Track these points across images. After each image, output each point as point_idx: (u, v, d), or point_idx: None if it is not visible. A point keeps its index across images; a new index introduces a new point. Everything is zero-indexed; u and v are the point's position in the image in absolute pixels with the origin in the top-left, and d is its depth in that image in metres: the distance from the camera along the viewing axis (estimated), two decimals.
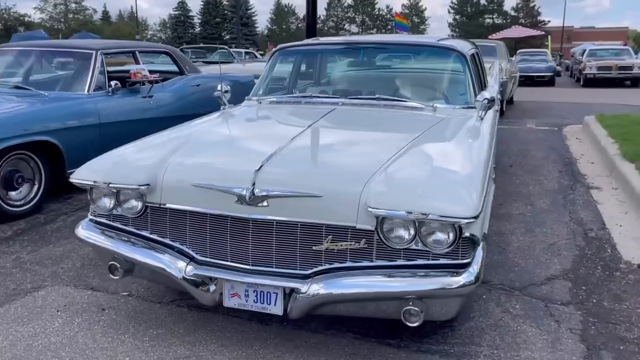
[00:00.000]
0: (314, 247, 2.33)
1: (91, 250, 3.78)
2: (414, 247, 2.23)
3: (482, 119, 3.32)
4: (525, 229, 4.37)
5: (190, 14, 72.84)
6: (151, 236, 2.61)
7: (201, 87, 6.94)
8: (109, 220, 2.71)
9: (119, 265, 2.65)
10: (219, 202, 2.41)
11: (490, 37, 25.50)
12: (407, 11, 70.25)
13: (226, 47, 17.03)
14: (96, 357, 2.57)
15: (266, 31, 78.11)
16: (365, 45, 4.15)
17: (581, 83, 21.37)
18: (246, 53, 21.97)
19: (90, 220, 2.78)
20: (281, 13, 78.70)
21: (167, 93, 6.29)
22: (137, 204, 2.59)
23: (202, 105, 6.93)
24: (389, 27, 70.28)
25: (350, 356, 2.59)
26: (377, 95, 3.59)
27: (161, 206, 2.54)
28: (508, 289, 3.32)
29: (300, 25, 79.18)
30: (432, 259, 2.24)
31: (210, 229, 2.46)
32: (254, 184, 2.32)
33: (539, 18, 66.78)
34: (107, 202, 2.65)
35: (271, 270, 2.39)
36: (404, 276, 2.24)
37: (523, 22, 61.89)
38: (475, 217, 2.11)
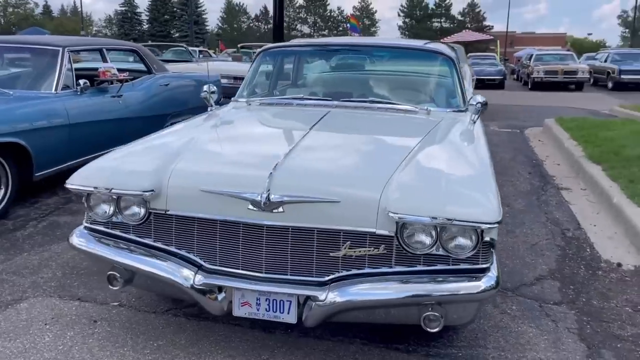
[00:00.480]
0: (331, 254, 2.28)
1: (71, 258, 3.63)
2: (434, 252, 2.22)
3: (474, 122, 3.36)
4: (506, 229, 4.46)
5: (138, 10, 70.98)
6: (154, 244, 2.48)
7: (170, 87, 6.78)
8: (107, 228, 2.56)
9: (118, 275, 2.50)
10: (230, 208, 2.32)
11: (442, 40, 26.06)
12: (358, 13, 70.96)
13: (184, 45, 16.62)
14: None
15: (216, 30, 77.08)
16: (353, 48, 4.13)
17: (529, 86, 22.18)
18: (200, 52, 21.58)
19: (86, 228, 2.62)
20: (232, 12, 77.95)
21: (136, 92, 6.08)
22: (139, 211, 2.46)
23: (171, 105, 6.78)
24: (341, 28, 70.84)
25: None
26: (370, 98, 3.57)
27: (166, 213, 2.43)
28: (502, 290, 3.36)
29: (251, 24, 78.70)
30: (452, 264, 2.23)
31: (220, 236, 2.37)
32: (269, 189, 2.24)
33: (484, 23, 68.97)
34: (107, 209, 2.51)
35: (285, 278, 2.32)
36: (425, 282, 2.23)
37: (469, 26, 63.78)
38: (499, 222, 2.12)
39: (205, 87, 3.81)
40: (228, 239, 2.36)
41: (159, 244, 2.48)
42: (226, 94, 8.99)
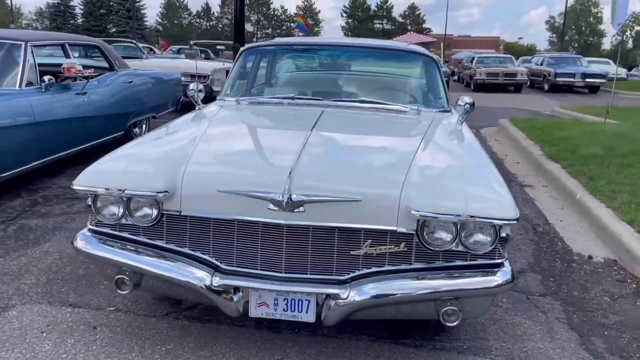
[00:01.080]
0: (352, 252, 2.30)
1: (53, 262, 3.49)
2: (453, 248, 2.29)
3: (462, 122, 3.48)
4: None
5: (72, 3, 67.90)
6: (167, 246, 2.42)
7: (133, 84, 6.58)
8: (115, 230, 2.47)
9: (127, 279, 2.43)
10: (248, 208, 2.30)
11: (393, 39, 26.59)
12: (301, 12, 71.10)
13: (134, 41, 16.03)
14: None
15: (155, 25, 75.04)
16: (339, 48, 4.16)
17: (472, 88, 23.00)
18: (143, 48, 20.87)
19: (91, 230, 2.52)
20: (172, 7, 76.10)
21: (101, 90, 5.88)
22: (151, 212, 2.40)
23: (134, 103, 6.60)
24: (284, 27, 70.78)
25: (375, 359, 2.60)
26: (360, 98, 3.62)
27: (180, 214, 2.37)
28: None
29: (193, 20, 77.16)
30: (470, 260, 2.31)
31: (238, 236, 2.34)
32: (290, 189, 2.24)
33: (423, 25, 70.83)
34: (116, 211, 2.43)
35: (305, 277, 2.33)
36: (444, 277, 2.30)
37: (410, 28, 65.29)
38: (517, 219, 2.22)
39: (192, 86, 3.74)
40: (246, 239, 2.34)
41: (171, 246, 2.42)
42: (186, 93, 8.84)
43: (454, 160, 2.74)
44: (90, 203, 2.47)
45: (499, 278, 2.30)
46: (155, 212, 2.39)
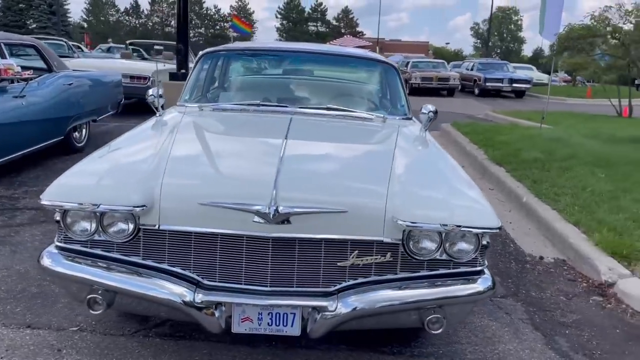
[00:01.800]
0: (338, 263, 2.29)
1: (1, 280, 3.24)
2: (437, 257, 2.33)
3: (426, 130, 3.55)
4: None
5: None
6: (143, 262, 2.31)
7: (73, 86, 6.25)
8: (86, 247, 2.33)
9: (100, 298, 2.29)
10: (232, 221, 2.22)
11: (329, 43, 26.81)
12: (235, 12, 70.27)
13: (64, 39, 15.16)
14: None
15: (79, 22, 71.68)
16: (301, 54, 4.13)
17: (407, 92, 23.52)
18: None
19: (58, 247, 2.36)
20: (98, 4, 73.01)
21: (40, 92, 5.53)
22: (127, 227, 2.27)
23: (74, 106, 6.27)
24: (218, 27, 69.70)
25: None
26: (327, 105, 3.61)
27: (159, 228, 2.27)
28: None
29: (121, 18, 74.42)
30: (453, 268, 2.36)
31: (221, 250, 2.26)
32: (276, 201, 2.19)
33: (357, 29, 71.97)
34: (88, 227, 2.28)
35: (291, 290, 2.29)
36: (429, 286, 2.33)
37: (344, 31, 66.12)
38: (500, 228, 2.28)
39: (151, 91, 3.60)
40: (229, 254, 2.26)
41: (148, 262, 2.31)
42: (126, 95, 8.50)
43: (429, 170, 2.79)
44: (58, 218, 2.31)
45: (481, 285, 2.36)
46: (131, 227, 2.27)
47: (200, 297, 2.23)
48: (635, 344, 3.04)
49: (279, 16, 73.09)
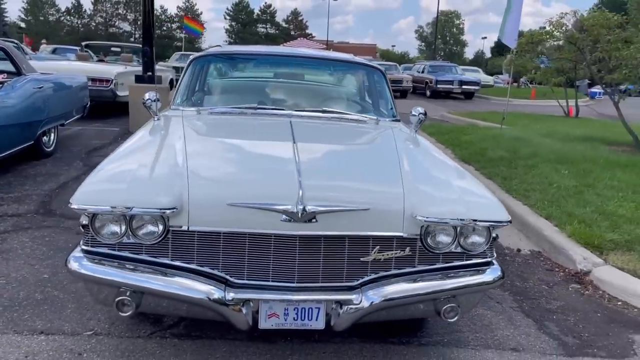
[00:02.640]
0: (361, 258, 2.41)
1: (2, 289, 3.18)
2: (452, 250, 2.49)
3: (416, 131, 3.72)
4: None
5: None
6: (172, 263, 2.36)
7: (43, 90, 6.10)
8: (114, 250, 2.35)
9: (129, 300, 2.33)
10: (260, 221, 2.31)
11: (283, 45, 26.85)
12: (182, 13, 69.15)
13: (16, 42, 14.48)
14: None
15: (17, 22, 68.68)
16: (293, 58, 4.22)
17: None
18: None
19: (85, 251, 2.37)
20: (37, 3, 70.17)
21: (12, 96, 5.37)
22: (156, 229, 2.31)
23: (45, 110, 6.13)
24: (165, 28, 68.34)
25: (375, 358, 2.73)
26: (322, 108, 3.73)
27: (188, 229, 2.32)
28: None
29: (62, 17, 71.77)
30: (466, 260, 2.53)
31: (249, 249, 2.34)
32: (303, 200, 2.29)
33: (307, 31, 72.31)
34: (117, 230, 2.31)
35: (317, 286, 2.39)
36: (446, 277, 2.48)
37: (293, 33, 66.34)
38: (510, 221, 2.47)
39: (148, 95, 3.57)
40: (258, 252, 2.34)
41: (177, 262, 2.36)
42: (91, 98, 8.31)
43: (434, 168, 2.96)
44: (86, 223, 2.32)
45: (491, 275, 2.54)
46: (161, 228, 2.32)
47: (231, 295, 2.30)
48: (616, 326, 3.32)
49: (227, 17, 72.47)
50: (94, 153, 7.18)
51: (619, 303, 3.63)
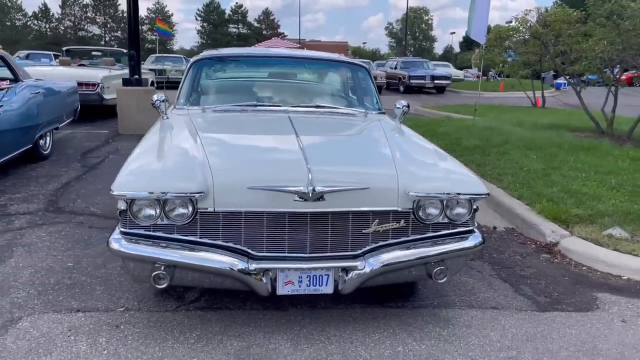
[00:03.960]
0: (363, 230, 2.81)
1: (33, 274, 3.50)
2: (440, 221, 2.91)
3: (401, 122, 4.14)
4: None
5: None
6: (201, 240, 2.72)
7: (40, 95, 6.36)
8: (149, 231, 2.70)
9: (164, 273, 2.68)
10: (276, 201, 2.68)
11: (256, 45, 27.12)
12: (153, 15, 68.59)
13: None
14: None
15: None
16: (288, 59, 4.60)
17: None
18: None
19: (123, 233, 2.71)
20: (3, 7, 68.74)
21: (14, 101, 5.63)
22: (187, 211, 2.67)
23: (42, 114, 6.39)
24: None
25: (375, 320, 3.13)
26: (315, 104, 4.12)
27: (215, 210, 2.69)
28: None
29: (29, 22, 70.44)
30: (452, 229, 2.95)
31: (267, 226, 2.72)
32: (312, 182, 2.68)
33: (278, 30, 72.51)
34: (153, 213, 2.66)
35: (326, 255, 2.79)
36: (436, 244, 2.90)
37: (266, 33, 66.44)
38: (488, 194, 2.91)
39: (156, 96, 3.90)
40: (274, 228, 2.72)
41: (205, 240, 2.72)
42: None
43: (420, 151, 3.38)
44: (124, 208, 2.67)
45: (474, 241, 2.97)
46: (190, 211, 2.67)
47: (253, 265, 2.68)
48: (582, 286, 3.79)
49: (198, 18, 72.16)
50: (89, 155, 7.44)
51: (584, 268, 4.11)
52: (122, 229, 2.73)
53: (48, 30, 68.79)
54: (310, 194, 2.65)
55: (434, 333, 3.01)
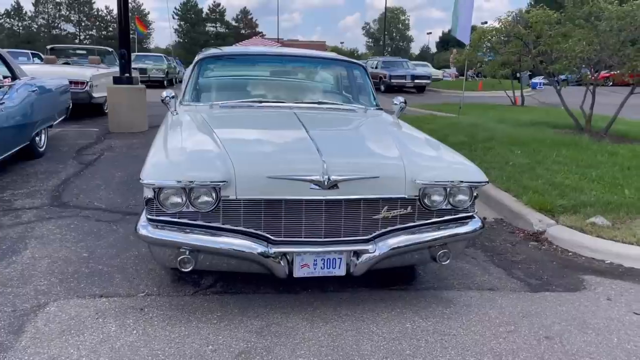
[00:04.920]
0: (373, 216, 3.02)
1: (52, 264, 3.63)
2: (443, 207, 3.14)
3: (398, 117, 4.38)
4: None
5: None
6: (223, 226, 2.90)
7: (38, 92, 6.44)
8: (175, 218, 2.87)
9: (189, 257, 2.85)
10: (293, 189, 2.88)
11: (237, 45, 27.11)
12: (130, 14, 67.79)
13: None
14: (196, 342, 2.76)
15: None
16: (290, 57, 4.80)
17: None
18: None
19: (150, 220, 2.88)
20: None
21: (13, 98, 5.70)
22: (211, 199, 2.85)
23: (40, 111, 6.48)
24: (111, 29, 66.84)
25: (382, 301, 3.34)
26: (319, 100, 4.33)
27: (236, 198, 2.87)
28: None
29: (2, 20, 69.08)
30: (454, 214, 3.18)
31: (285, 212, 2.92)
32: (327, 172, 2.88)
33: (257, 29, 72.43)
34: (179, 200, 2.83)
35: (339, 240, 2.99)
36: (440, 229, 3.13)
37: (244, 32, 66.30)
38: (487, 182, 3.15)
39: (165, 93, 4.05)
40: (292, 214, 2.92)
41: (227, 226, 2.90)
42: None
43: (421, 143, 3.62)
44: (151, 196, 2.84)
45: (474, 225, 3.21)
46: (213, 198, 2.85)
47: (273, 249, 2.88)
48: (569, 270, 4.06)
49: (175, 17, 71.67)
50: (83, 152, 7.52)
51: (570, 254, 4.40)
52: (149, 216, 2.89)
53: (21, 28, 67.60)
54: (326, 183, 2.85)
55: (438, 312, 3.24)
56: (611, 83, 19.54)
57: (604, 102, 10.07)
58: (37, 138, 6.73)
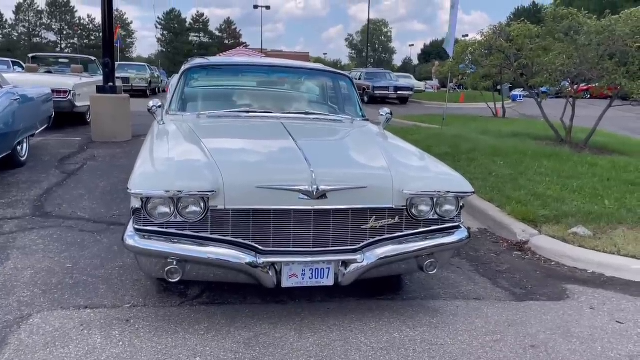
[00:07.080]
0: (362, 226, 3.04)
1: (35, 274, 3.58)
2: (430, 217, 3.17)
3: (384, 128, 4.42)
4: None
5: None
6: (212, 236, 2.89)
7: (20, 101, 6.36)
8: (162, 228, 2.85)
9: (177, 268, 2.83)
10: (282, 199, 2.88)
11: (220, 55, 27.12)
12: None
13: None
14: (184, 353, 2.74)
15: None
16: (276, 68, 4.82)
17: None
18: None
19: (137, 230, 2.85)
20: None
21: None
22: (198, 209, 2.84)
23: (23, 120, 6.41)
24: (93, 37, 66.34)
25: (370, 311, 3.35)
26: (306, 110, 4.35)
27: (225, 208, 2.86)
28: None
29: None
30: (441, 224, 3.21)
31: (274, 222, 2.92)
32: (316, 182, 2.89)
33: (241, 40, 72.53)
34: (167, 210, 2.81)
35: (328, 249, 3.00)
36: (427, 239, 3.16)
37: (228, 42, 66.34)
38: (474, 192, 3.19)
39: (152, 102, 4.02)
40: (280, 224, 2.92)
41: (215, 236, 2.89)
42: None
43: (408, 154, 3.65)
44: (138, 206, 2.82)
45: (460, 235, 3.24)
46: (201, 208, 2.84)
47: (261, 259, 2.87)
48: (552, 279, 4.12)
49: (159, 26, 71.41)
50: (66, 161, 7.43)
51: (553, 263, 4.46)
52: (136, 226, 2.87)
53: (1, 36, 66.80)
54: (315, 193, 2.86)
55: (425, 321, 3.26)
56: (589, 96, 19.94)
57: (583, 115, 10.27)
58: (18, 147, 6.63)
